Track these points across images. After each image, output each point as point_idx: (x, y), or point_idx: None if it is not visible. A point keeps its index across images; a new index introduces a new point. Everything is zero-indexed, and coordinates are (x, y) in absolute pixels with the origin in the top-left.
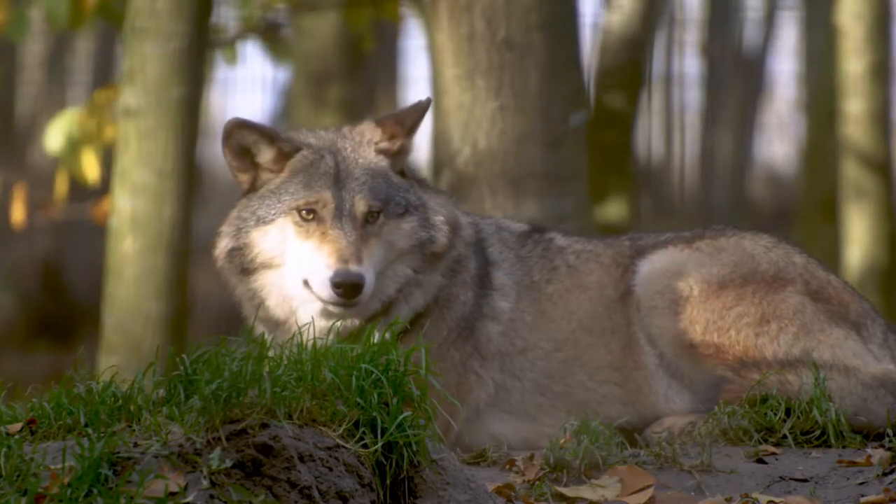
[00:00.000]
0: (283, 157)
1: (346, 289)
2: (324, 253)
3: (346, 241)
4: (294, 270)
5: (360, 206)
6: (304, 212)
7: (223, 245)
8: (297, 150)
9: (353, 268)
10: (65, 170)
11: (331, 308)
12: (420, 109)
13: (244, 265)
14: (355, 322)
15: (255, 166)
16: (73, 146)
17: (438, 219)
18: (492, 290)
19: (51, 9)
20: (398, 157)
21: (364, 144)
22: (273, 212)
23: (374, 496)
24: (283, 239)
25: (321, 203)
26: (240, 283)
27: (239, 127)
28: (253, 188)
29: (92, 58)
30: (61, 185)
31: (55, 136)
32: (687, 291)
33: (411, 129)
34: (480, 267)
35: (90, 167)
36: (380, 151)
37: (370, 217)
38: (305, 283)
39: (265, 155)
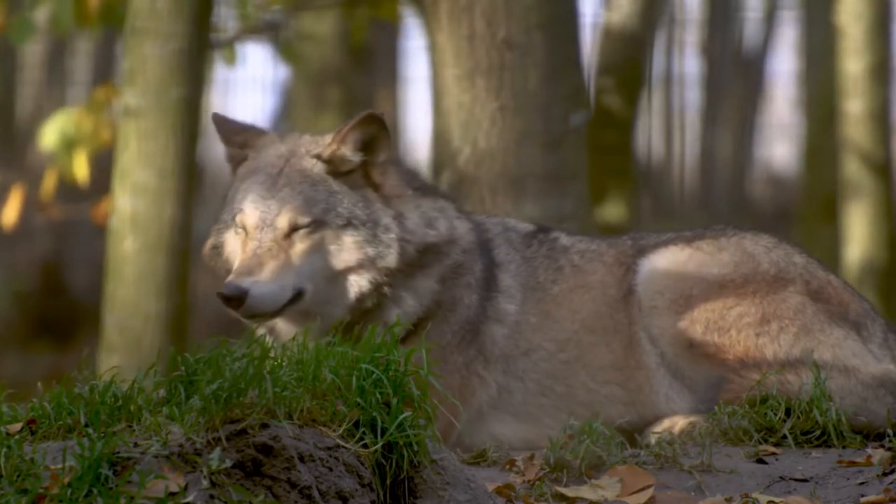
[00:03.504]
0: (234, 160)
1: (225, 299)
2: (234, 264)
3: (253, 252)
4: None
5: (282, 220)
6: (237, 220)
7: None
8: (244, 158)
9: (241, 280)
10: (55, 168)
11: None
12: (363, 119)
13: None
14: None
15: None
16: (68, 145)
17: (389, 236)
18: (497, 293)
19: (56, 13)
20: (334, 164)
21: (310, 153)
22: (227, 217)
23: (374, 496)
24: (235, 245)
25: (244, 215)
26: None
27: (215, 121)
28: None
29: (92, 58)
30: (49, 183)
31: (50, 134)
32: (687, 291)
33: (346, 138)
34: (486, 269)
35: (80, 167)
36: (314, 156)
37: (301, 227)
38: None
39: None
